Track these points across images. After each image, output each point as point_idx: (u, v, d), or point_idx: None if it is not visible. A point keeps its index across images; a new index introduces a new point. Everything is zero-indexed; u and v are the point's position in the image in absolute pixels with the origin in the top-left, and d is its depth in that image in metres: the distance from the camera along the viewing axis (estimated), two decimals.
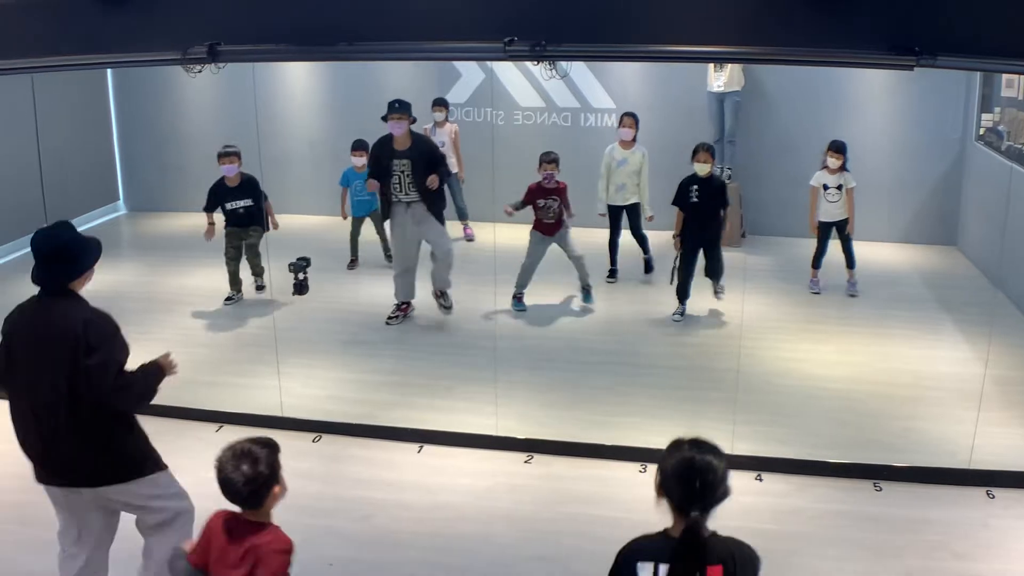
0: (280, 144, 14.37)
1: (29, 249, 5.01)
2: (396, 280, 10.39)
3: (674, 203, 10.27)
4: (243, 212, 10.67)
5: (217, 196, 10.76)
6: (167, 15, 6.76)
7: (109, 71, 14.96)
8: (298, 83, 14.70)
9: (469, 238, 13.27)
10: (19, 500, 6.90)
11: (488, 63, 13.46)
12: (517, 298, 10.70)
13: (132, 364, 5.01)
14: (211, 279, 11.28)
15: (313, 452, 7.71)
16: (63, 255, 4.93)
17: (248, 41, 6.66)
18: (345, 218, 12.28)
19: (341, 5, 6.58)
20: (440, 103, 13.03)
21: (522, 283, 10.70)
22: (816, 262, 11.30)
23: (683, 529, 3.52)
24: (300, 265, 10.59)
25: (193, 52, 6.55)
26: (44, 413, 4.81)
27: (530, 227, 10.60)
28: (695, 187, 10.09)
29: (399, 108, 9.74)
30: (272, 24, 6.62)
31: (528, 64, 8.27)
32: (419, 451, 7.71)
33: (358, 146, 11.84)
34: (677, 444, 3.69)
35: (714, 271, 10.42)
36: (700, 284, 10.50)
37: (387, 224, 10.58)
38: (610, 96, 13.82)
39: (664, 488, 3.63)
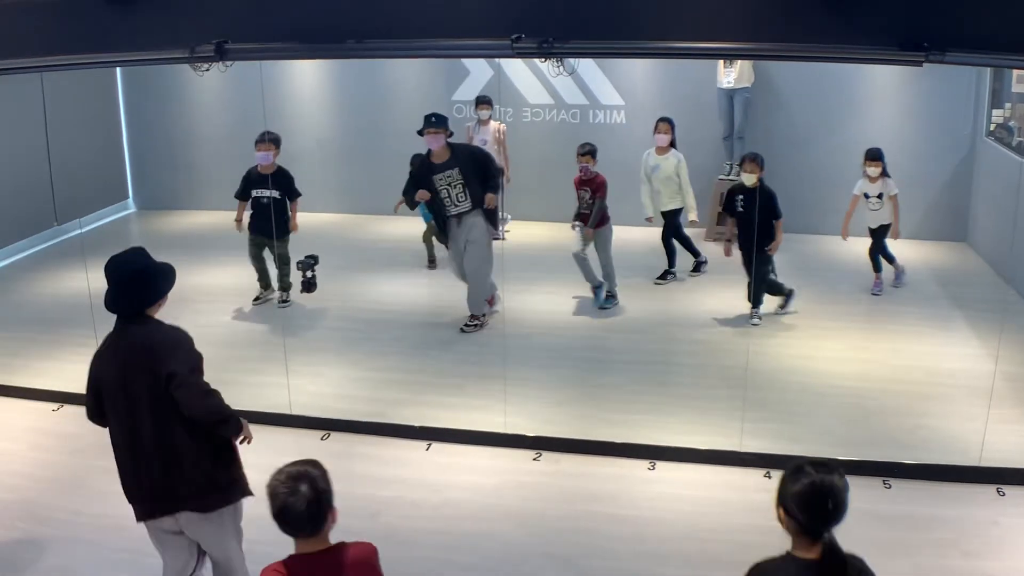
0: (288, 142, 14.31)
1: (104, 273, 4.99)
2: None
3: (723, 210, 10.21)
4: (266, 202, 10.34)
5: (248, 182, 10.57)
6: (175, 14, 6.76)
7: (118, 70, 14.99)
8: (306, 81, 14.70)
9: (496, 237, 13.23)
10: (24, 498, 6.94)
11: (496, 60, 13.45)
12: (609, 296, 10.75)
13: None
14: (220, 277, 11.29)
15: (322, 450, 7.70)
16: (139, 282, 4.96)
17: (256, 39, 6.66)
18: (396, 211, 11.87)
19: (349, 3, 6.59)
20: (484, 101, 12.89)
21: (587, 279, 10.70)
22: (875, 266, 11.16)
23: (824, 552, 3.52)
24: (308, 263, 10.61)
25: (201, 50, 6.56)
26: (148, 443, 4.81)
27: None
28: (740, 197, 9.95)
29: (436, 123, 9.50)
30: (280, 22, 6.62)
31: (536, 61, 8.27)
32: (427, 449, 7.71)
33: (415, 161, 11.60)
34: (799, 468, 3.61)
35: (753, 292, 10.07)
36: (715, 284, 10.48)
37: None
38: (619, 93, 13.79)
39: (789, 512, 3.58)
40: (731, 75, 12.78)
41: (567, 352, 9.58)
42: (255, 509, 6.81)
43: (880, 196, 10.75)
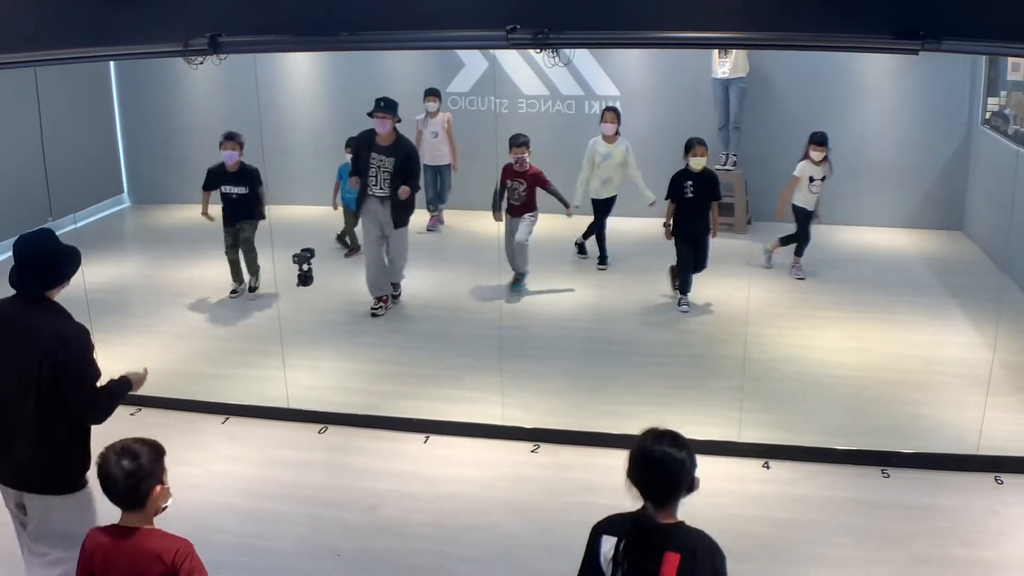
0: (283, 135, 14.35)
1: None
2: (368, 275, 10.48)
3: (667, 198, 10.27)
4: (236, 198, 10.64)
5: (215, 177, 10.75)
6: (168, 7, 6.74)
7: (112, 64, 14.95)
8: (300, 74, 14.67)
9: (431, 228, 13.44)
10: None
11: (491, 52, 13.42)
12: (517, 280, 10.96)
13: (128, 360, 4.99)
14: (216, 271, 11.26)
15: (319, 443, 7.70)
16: (44, 263, 4.95)
17: (249, 32, 6.64)
18: (336, 208, 12.37)
19: None
20: (432, 93, 13.07)
21: (512, 264, 10.88)
22: (799, 250, 11.33)
23: (636, 517, 3.59)
24: (304, 256, 10.58)
25: (194, 44, 6.54)
26: (6, 414, 4.84)
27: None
28: (689, 182, 10.06)
29: (384, 107, 9.87)
30: (273, 15, 6.59)
31: (531, 52, 8.27)
32: (425, 441, 7.71)
33: (351, 143, 11.78)
34: (643, 434, 3.73)
35: (697, 267, 10.37)
36: (704, 274, 10.47)
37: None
38: (614, 83, 13.77)
39: (628, 475, 3.69)
40: (726, 65, 12.75)
41: (564, 343, 9.58)
42: (255, 503, 6.83)
43: (823, 179, 10.93)
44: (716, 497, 6.75)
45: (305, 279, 10.65)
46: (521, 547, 6.33)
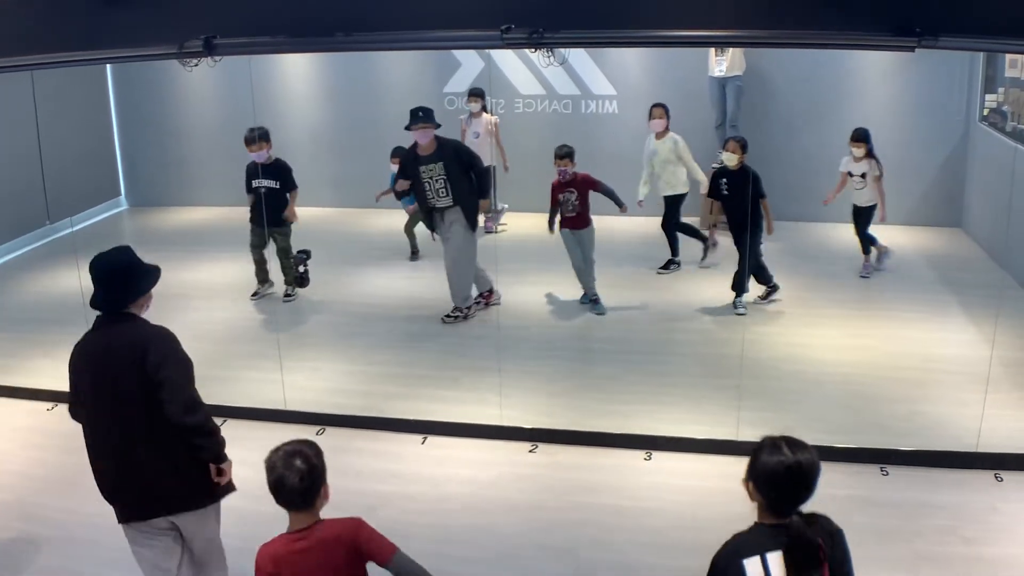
0: (279, 136, 14.30)
1: (89, 271, 4.91)
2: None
3: (708, 195, 10.27)
4: (265, 192, 10.39)
5: (249, 174, 10.57)
6: (163, 10, 6.73)
7: (108, 67, 14.95)
8: (296, 75, 14.66)
9: (488, 230, 13.27)
10: (19, 498, 6.91)
11: (487, 51, 13.42)
12: (593, 300, 10.46)
13: None
14: (214, 274, 11.26)
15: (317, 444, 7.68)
16: (122, 277, 4.89)
17: (244, 34, 6.62)
18: (378, 200, 12.27)
19: None
20: (476, 93, 12.82)
21: (582, 283, 10.50)
22: (863, 248, 11.24)
23: (791, 534, 3.53)
24: (300, 258, 10.59)
25: (189, 46, 6.53)
26: (121, 442, 4.76)
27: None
28: (724, 180, 9.98)
29: (423, 117, 9.54)
30: (268, 16, 6.58)
31: (527, 51, 8.25)
32: (423, 442, 7.70)
33: (396, 153, 11.58)
34: (774, 445, 3.64)
35: (738, 278, 10.06)
36: (711, 273, 10.46)
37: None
38: (610, 82, 13.76)
39: (758, 487, 3.61)
40: (723, 63, 12.74)
41: (562, 343, 9.56)
42: (254, 506, 6.81)
43: (864, 176, 10.82)
44: (715, 496, 6.74)
45: (302, 280, 10.66)
46: (520, 547, 6.32)
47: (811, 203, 11.77)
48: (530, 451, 7.52)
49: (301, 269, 10.50)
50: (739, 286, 10.12)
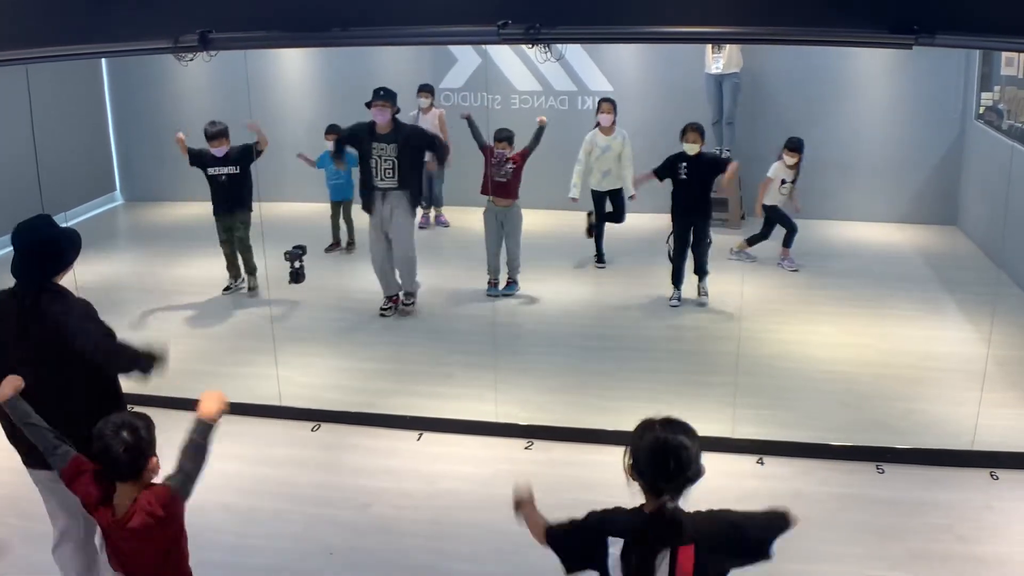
0: (274, 131, 14.27)
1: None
2: (377, 274, 10.28)
3: (656, 172, 10.25)
4: (225, 179, 10.43)
5: (201, 159, 10.51)
6: (158, 4, 6.71)
7: (104, 61, 14.91)
8: (292, 69, 14.63)
9: (444, 224, 13.41)
10: (15, 494, 6.87)
11: (483, 47, 13.39)
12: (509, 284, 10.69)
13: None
14: (208, 269, 11.23)
15: (312, 441, 7.68)
16: (47, 250, 4.95)
17: (240, 28, 6.60)
18: (306, 162, 12.41)
19: None
20: (425, 89, 12.96)
21: (490, 266, 10.70)
22: (787, 241, 11.52)
23: (653, 511, 3.49)
24: (296, 253, 10.54)
25: (184, 40, 6.50)
26: (38, 402, 4.76)
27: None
28: (684, 164, 10.02)
29: (384, 96, 9.65)
30: (264, 10, 6.56)
31: (524, 47, 8.24)
32: (419, 439, 7.68)
33: (332, 130, 11.75)
34: (648, 425, 3.67)
35: (700, 263, 10.31)
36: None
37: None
38: (607, 79, 13.74)
39: (636, 469, 3.63)
40: (719, 60, 12.73)
41: (557, 339, 9.55)
42: (248, 502, 6.80)
43: (794, 182, 11.23)
44: (710, 493, 6.71)
45: (297, 276, 10.61)
46: (516, 544, 6.29)
47: (807, 200, 11.75)
48: (526, 448, 7.51)
49: (296, 264, 10.47)
50: (701, 268, 10.34)
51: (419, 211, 10.79)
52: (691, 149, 9.96)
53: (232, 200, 10.52)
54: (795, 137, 11.15)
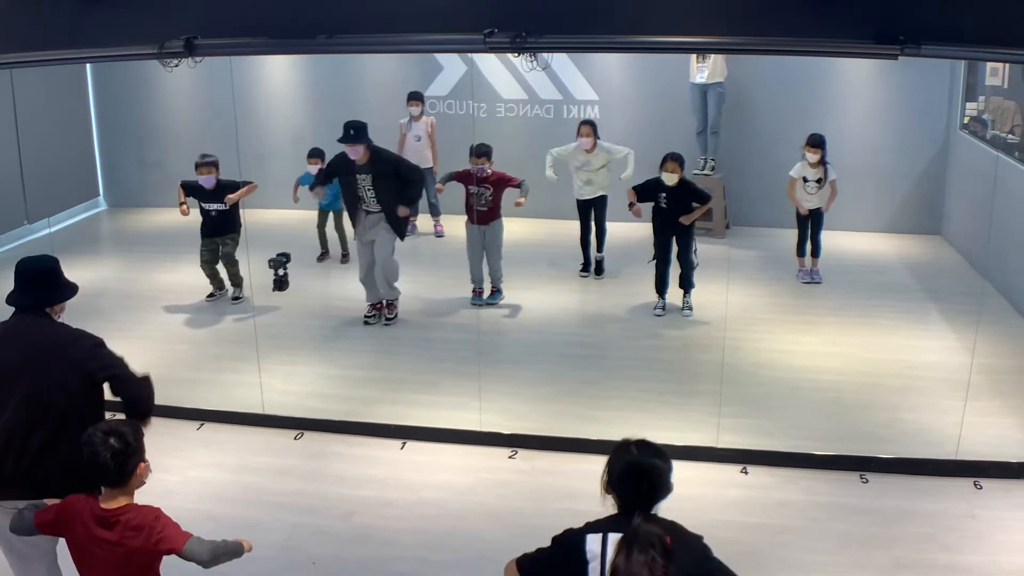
0: (260, 138, 14.29)
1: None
2: (361, 281, 10.26)
3: (637, 191, 10.18)
4: (216, 215, 10.51)
5: (192, 193, 10.59)
6: (144, 9, 6.70)
7: (88, 67, 14.86)
8: (277, 77, 14.59)
9: (439, 234, 13.32)
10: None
11: (469, 55, 13.40)
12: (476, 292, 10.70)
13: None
14: (192, 275, 11.18)
15: (295, 449, 7.65)
16: (50, 279, 5.00)
17: (226, 35, 6.60)
18: (296, 201, 12.31)
19: None
20: (415, 97, 12.92)
21: (473, 275, 10.68)
22: (800, 250, 11.33)
23: (626, 532, 3.52)
24: (280, 261, 10.53)
25: (170, 46, 6.49)
26: (24, 430, 4.70)
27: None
28: (664, 194, 10.02)
29: (354, 136, 9.55)
30: (249, 17, 6.55)
31: (509, 56, 8.25)
32: (402, 447, 7.66)
33: (314, 154, 11.82)
34: (624, 446, 3.81)
35: (685, 277, 10.29)
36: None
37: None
38: (593, 88, 13.75)
39: (611, 487, 3.80)
40: (704, 70, 12.73)
41: (542, 349, 9.53)
42: (231, 511, 6.77)
43: (819, 181, 10.98)
44: (694, 502, 6.72)
45: (281, 284, 10.60)
46: (499, 553, 6.23)
47: (791, 210, 11.77)
48: (509, 457, 7.49)
49: (280, 272, 10.44)
50: (686, 282, 10.31)
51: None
52: (669, 179, 9.93)
53: (221, 228, 10.58)
54: (816, 133, 10.98)
